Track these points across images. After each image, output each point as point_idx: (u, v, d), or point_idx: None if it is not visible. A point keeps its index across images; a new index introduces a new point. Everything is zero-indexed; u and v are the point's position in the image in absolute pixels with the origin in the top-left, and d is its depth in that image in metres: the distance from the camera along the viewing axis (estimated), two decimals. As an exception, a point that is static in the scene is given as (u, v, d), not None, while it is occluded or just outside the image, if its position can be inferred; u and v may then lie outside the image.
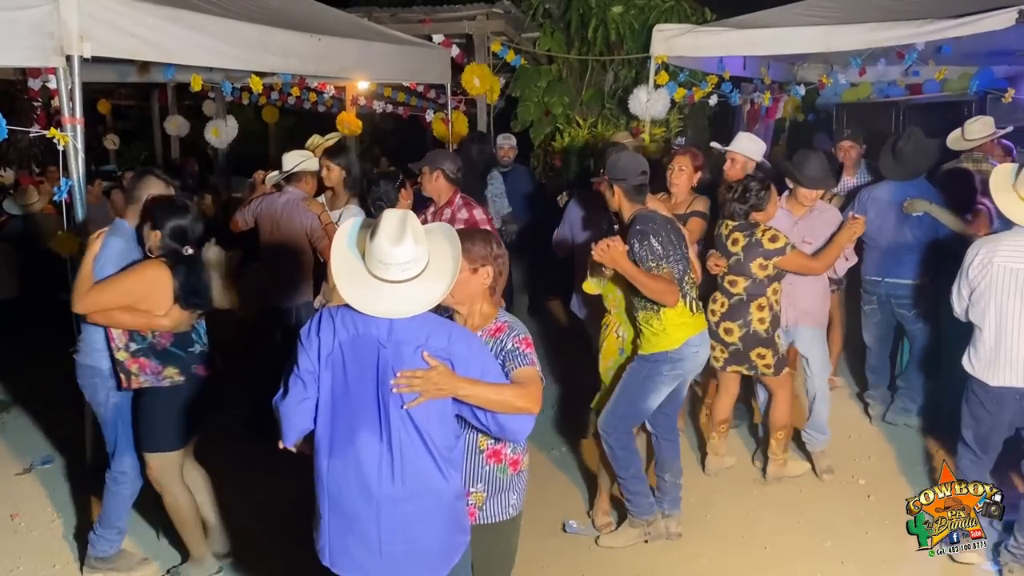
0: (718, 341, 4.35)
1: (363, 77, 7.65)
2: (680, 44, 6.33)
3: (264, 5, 5.35)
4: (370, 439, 2.41)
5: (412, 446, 2.42)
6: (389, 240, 2.34)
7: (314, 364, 2.43)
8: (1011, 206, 3.57)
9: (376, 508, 2.42)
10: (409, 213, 2.41)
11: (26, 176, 8.54)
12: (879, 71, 7.58)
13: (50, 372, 6.24)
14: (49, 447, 5.03)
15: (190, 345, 3.55)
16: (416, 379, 2.38)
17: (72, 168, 3.95)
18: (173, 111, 11.55)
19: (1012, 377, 3.60)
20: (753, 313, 4.31)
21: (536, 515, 4.27)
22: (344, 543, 2.47)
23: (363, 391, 2.42)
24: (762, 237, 4.27)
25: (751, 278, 4.29)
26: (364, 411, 2.42)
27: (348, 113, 9.42)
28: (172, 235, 3.45)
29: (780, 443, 4.60)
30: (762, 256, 4.26)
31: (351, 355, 2.42)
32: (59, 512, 4.32)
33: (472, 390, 2.43)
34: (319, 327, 2.46)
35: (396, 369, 2.39)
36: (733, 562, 3.86)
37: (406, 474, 2.42)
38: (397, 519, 2.43)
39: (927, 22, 5.31)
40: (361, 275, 2.41)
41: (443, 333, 2.45)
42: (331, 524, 2.48)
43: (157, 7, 4.16)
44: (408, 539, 2.45)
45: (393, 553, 2.44)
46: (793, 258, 4.28)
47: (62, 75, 3.82)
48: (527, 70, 7.95)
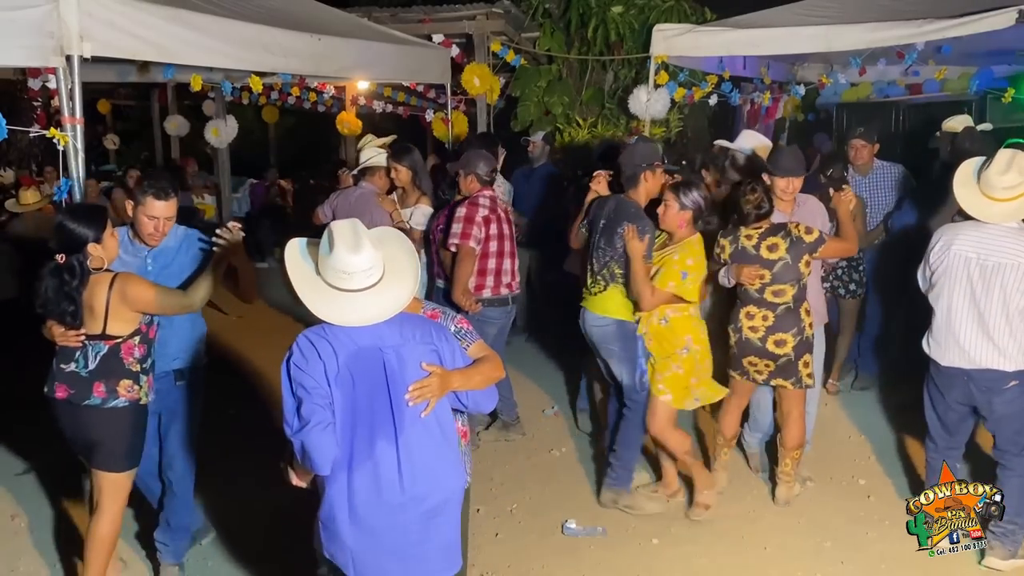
0: (764, 356, 4.11)
1: (363, 77, 7.66)
2: (680, 44, 6.33)
3: (264, 5, 5.34)
4: (386, 447, 2.45)
5: (426, 448, 2.49)
6: (349, 250, 2.39)
7: (325, 387, 2.41)
8: (972, 202, 3.69)
9: (403, 513, 2.46)
10: (356, 221, 2.47)
11: (26, 176, 8.55)
12: (879, 71, 7.58)
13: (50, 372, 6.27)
14: (49, 447, 5.02)
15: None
16: (425, 388, 2.47)
17: (72, 168, 3.95)
18: (173, 111, 11.57)
19: (959, 358, 3.75)
20: (804, 318, 4.11)
21: (536, 515, 4.29)
22: (373, 555, 2.48)
23: (375, 401, 2.46)
24: (800, 233, 4.05)
25: (798, 282, 4.06)
26: (378, 421, 2.46)
27: (348, 113, 9.44)
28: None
29: (794, 463, 4.32)
30: (807, 252, 4.04)
31: (358, 369, 2.45)
32: (59, 512, 4.32)
33: (463, 380, 2.57)
34: (316, 351, 2.43)
35: (402, 372, 2.46)
36: (733, 562, 3.86)
37: (425, 473, 2.48)
38: (423, 519, 2.49)
39: (927, 22, 5.31)
40: (325, 292, 2.45)
41: (426, 329, 2.56)
42: (355, 539, 2.47)
43: (157, 7, 4.16)
44: (434, 536, 2.52)
45: (422, 554, 2.51)
46: (832, 244, 4.16)
47: (62, 75, 3.81)
48: (527, 70, 7.94)
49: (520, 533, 4.13)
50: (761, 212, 4.06)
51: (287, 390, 2.44)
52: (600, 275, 4.26)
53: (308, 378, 2.40)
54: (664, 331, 4.12)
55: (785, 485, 4.33)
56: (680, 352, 4.12)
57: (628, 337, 4.20)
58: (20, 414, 5.63)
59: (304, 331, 2.49)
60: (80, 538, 4.05)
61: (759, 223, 4.09)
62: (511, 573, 3.79)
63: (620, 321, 4.20)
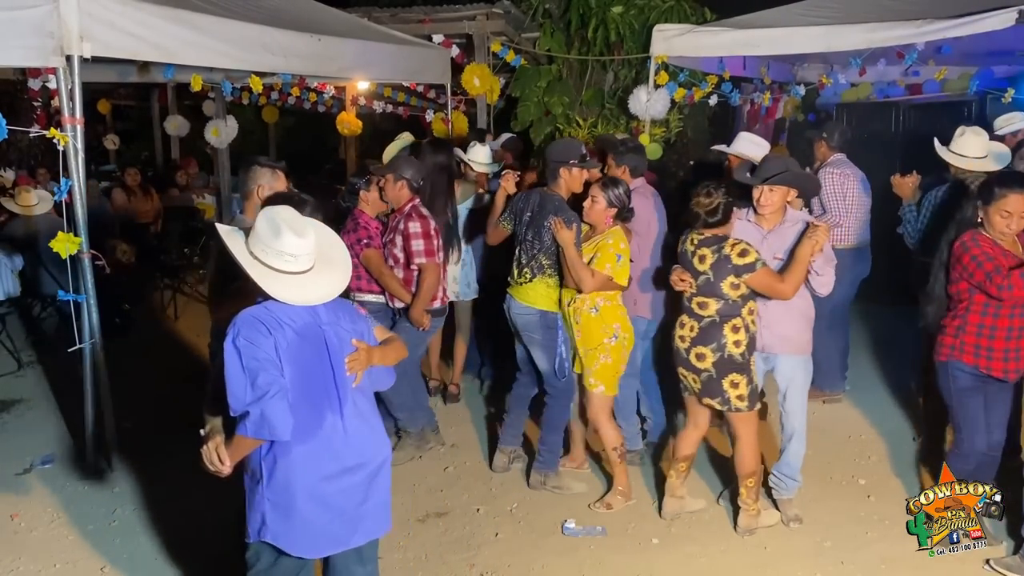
0: (690, 370, 3.94)
1: (363, 77, 7.67)
2: (680, 44, 6.34)
3: (264, 5, 5.35)
4: (333, 419, 2.62)
5: (361, 417, 2.70)
6: (296, 234, 2.54)
7: (276, 360, 2.52)
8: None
9: (351, 476, 2.65)
10: (289, 207, 2.65)
11: (23, 177, 8.55)
12: (879, 71, 7.58)
13: (50, 372, 6.28)
14: (49, 447, 5.02)
15: None
16: (357, 361, 2.67)
17: (72, 168, 3.95)
18: (173, 111, 11.57)
19: None
20: (727, 335, 3.83)
21: (536, 515, 4.28)
22: (323, 522, 2.63)
23: (321, 375, 2.61)
24: (731, 252, 3.77)
25: (723, 299, 3.82)
26: (324, 393, 2.62)
27: (348, 113, 9.44)
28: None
29: (751, 491, 4.05)
30: (733, 273, 3.76)
31: (307, 344, 2.59)
32: (59, 512, 4.32)
33: (381, 356, 2.79)
34: (264, 327, 2.53)
35: (340, 350, 2.65)
36: (733, 562, 3.86)
37: (361, 443, 2.68)
38: (366, 481, 2.69)
39: (927, 22, 5.31)
40: (271, 274, 2.55)
41: (349, 310, 2.77)
42: (309, 508, 2.61)
43: (157, 7, 4.16)
44: (373, 495, 2.72)
45: (364, 513, 2.70)
46: (762, 276, 3.75)
47: (62, 75, 3.82)
48: (527, 70, 7.94)
49: (520, 533, 4.13)
50: (711, 221, 3.83)
51: (236, 366, 2.48)
52: (528, 266, 4.39)
53: (260, 351, 2.49)
54: (595, 320, 4.20)
55: (745, 514, 4.08)
56: (608, 341, 4.20)
57: (549, 327, 4.36)
58: (20, 413, 5.66)
59: (244, 311, 2.57)
60: (80, 538, 4.06)
61: (709, 230, 3.85)
62: (511, 573, 3.79)
63: (543, 312, 4.36)
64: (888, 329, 7.05)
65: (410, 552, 3.91)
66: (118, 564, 3.85)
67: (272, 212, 2.58)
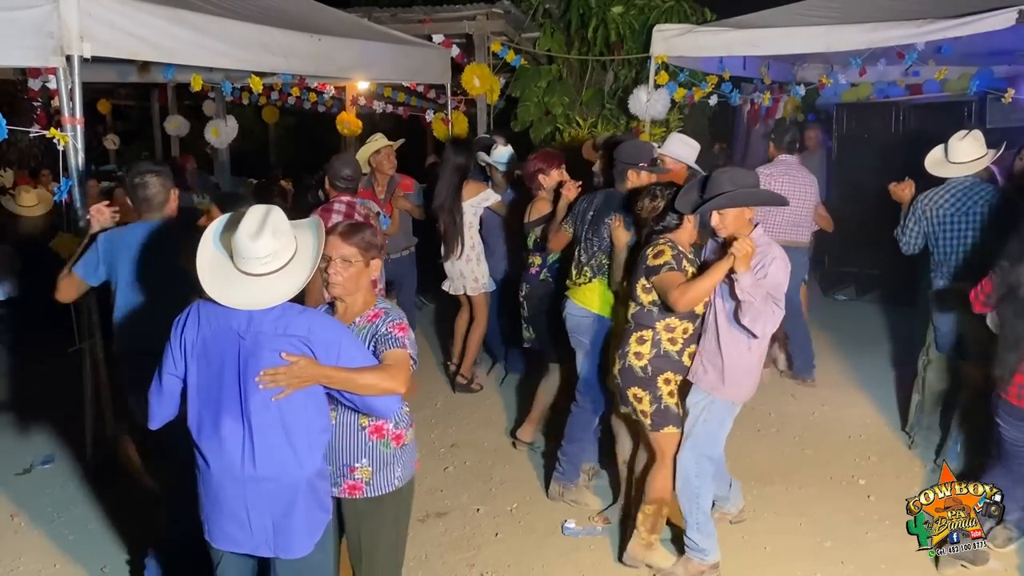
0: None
1: (363, 77, 7.66)
2: (680, 44, 6.33)
3: (264, 5, 5.35)
4: (233, 426, 2.56)
5: (272, 432, 2.55)
6: (248, 235, 2.46)
7: (178, 358, 2.61)
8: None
9: (242, 488, 2.59)
10: (274, 208, 2.53)
11: (23, 177, 8.55)
12: (879, 71, 7.58)
13: (50, 372, 6.27)
14: (49, 447, 5.02)
15: None
16: (279, 374, 2.49)
17: (72, 168, 3.95)
18: (173, 111, 11.55)
19: None
20: (632, 345, 3.58)
21: (536, 515, 4.29)
22: (219, 519, 2.65)
23: (225, 382, 2.56)
24: (649, 252, 3.52)
25: (637, 304, 3.58)
26: (227, 400, 2.56)
27: (348, 113, 9.43)
28: None
29: (647, 519, 3.67)
30: (644, 275, 3.51)
31: (213, 347, 2.57)
32: (59, 512, 4.32)
33: (338, 376, 2.54)
34: (186, 322, 2.61)
35: (255, 360, 2.51)
36: (733, 562, 3.86)
37: (265, 458, 2.56)
38: (261, 497, 2.59)
39: (927, 22, 5.31)
40: (226, 269, 2.53)
41: (303, 322, 2.55)
42: (206, 502, 2.67)
43: (157, 7, 4.16)
44: (272, 514, 2.61)
45: (261, 527, 2.62)
46: (663, 278, 3.41)
47: (62, 75, 3.82)
48: (527, 70, 7.94)
49: (520, 533, 4.13)
50: (658, 228, 3.59)
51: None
52: (588, 265, 4.31)
53: (169, 348, 2.62)
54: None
55: (636, 541, 3.72)
56: None
57: (601, 333, 4.29)
58: (20, 413, 5.66)
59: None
60: (79, 538, 4.06)
61: (662, 236, 3.58)
62: (511, 573, 3.79)
63: (599, 316, 4.27)
64: (888, 329, 7.05)
65: (410, 552, 3.89)
66: (118, 564, 3.85)
67: (253, 207, 2.54)
